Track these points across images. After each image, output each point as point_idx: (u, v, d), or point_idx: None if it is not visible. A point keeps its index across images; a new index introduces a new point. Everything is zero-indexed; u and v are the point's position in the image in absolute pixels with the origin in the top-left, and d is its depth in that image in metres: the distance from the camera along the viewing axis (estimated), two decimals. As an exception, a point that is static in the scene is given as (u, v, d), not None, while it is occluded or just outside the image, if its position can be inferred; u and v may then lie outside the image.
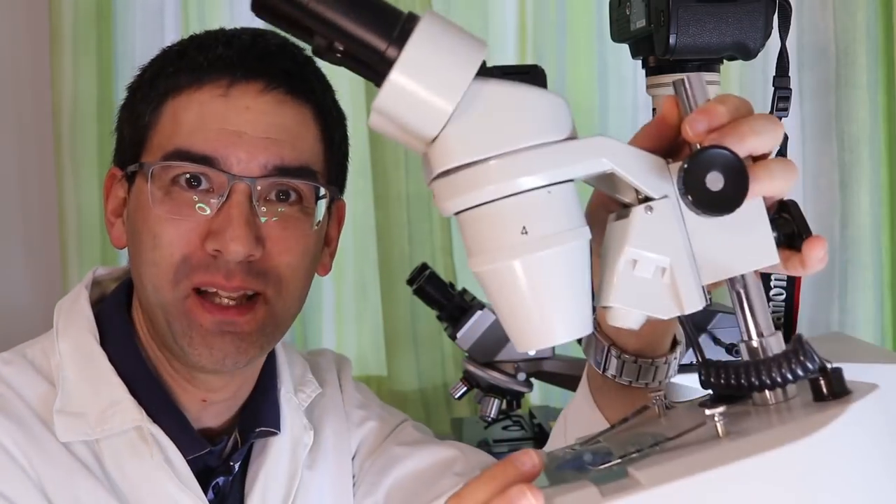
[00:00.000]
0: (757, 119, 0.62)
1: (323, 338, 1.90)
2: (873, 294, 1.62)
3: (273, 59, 0.94)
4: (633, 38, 1.04)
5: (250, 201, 0.89)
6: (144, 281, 0.91)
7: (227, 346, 0.89)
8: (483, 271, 0.62)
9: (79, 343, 0.94)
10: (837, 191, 1.65)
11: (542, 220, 0.59)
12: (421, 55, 0.58)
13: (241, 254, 0.87)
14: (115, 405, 0.91)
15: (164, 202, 0.89)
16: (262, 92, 0.91)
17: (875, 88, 1.62)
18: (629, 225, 0.61)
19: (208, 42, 0.95)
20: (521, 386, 1.32)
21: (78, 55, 1.83)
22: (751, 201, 0.60)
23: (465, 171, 0.60)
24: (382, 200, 1.80)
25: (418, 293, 1.34)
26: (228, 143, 0.89)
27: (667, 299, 0.62)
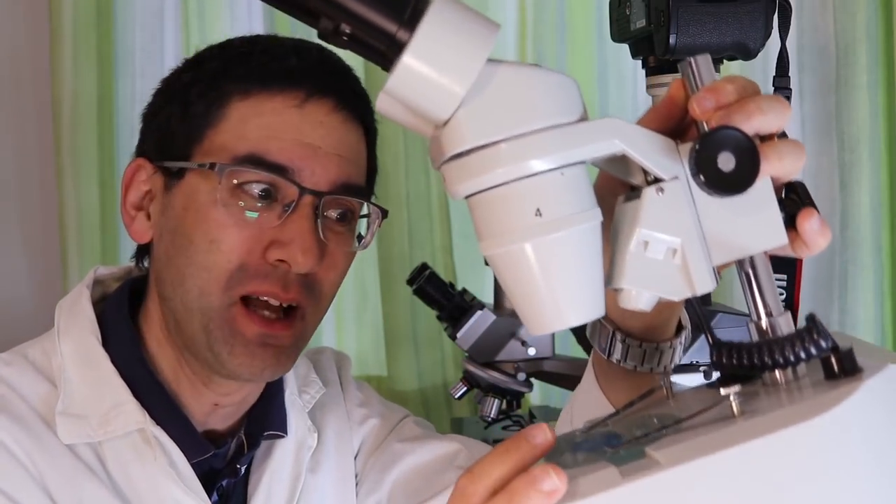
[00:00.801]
0: (764, 98, 0.62)
1: (323, 338, 1.90)
2: (873, 294, 1.62)
3: (343, 78, 0.96)
4: (633, 38, 1.04)
5: (315, 215, 0.89)
6: (188, 284, 0.89)
7: (268, 358, 0.89)
8: (495, 254, 0.61)
9: (81, 344, 0.93)
10: (837, 191, 1.65)
11: (554, 202, 0.59)
12: (434, 38, 0.58)
13: (308, 267, 0.88)
14: (118, 407, 0.90)
15: (228, 205, 0.88)
16: (335, 110, 0.93)
17: (875, 88, 1.61)
18: (640, 206, 0.61)
19: (276, 49, 0.95)
20: (521, 386, 1.32)
21: (78, 55, 1.83)
22: (760, 182, 0.60)
23: (476, 154, 0.59)
24: (382, 200, 1.79)
25: (418, 293, 1.34)
26: (304, 156, 0.89)
27: (678, 280, 0.62)
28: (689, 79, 0.64)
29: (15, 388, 0.91)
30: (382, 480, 1.02)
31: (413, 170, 1.79)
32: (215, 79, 0.93)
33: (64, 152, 1.84)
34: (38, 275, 1.97)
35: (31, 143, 1.97)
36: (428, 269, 1.35)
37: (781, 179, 0.64)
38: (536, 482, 0.55)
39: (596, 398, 0.84)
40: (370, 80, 1.76)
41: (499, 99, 0.59)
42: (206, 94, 0.92)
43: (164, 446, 0.90)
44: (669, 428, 0.60)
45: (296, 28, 1.84)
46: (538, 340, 1.32)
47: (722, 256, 0.62)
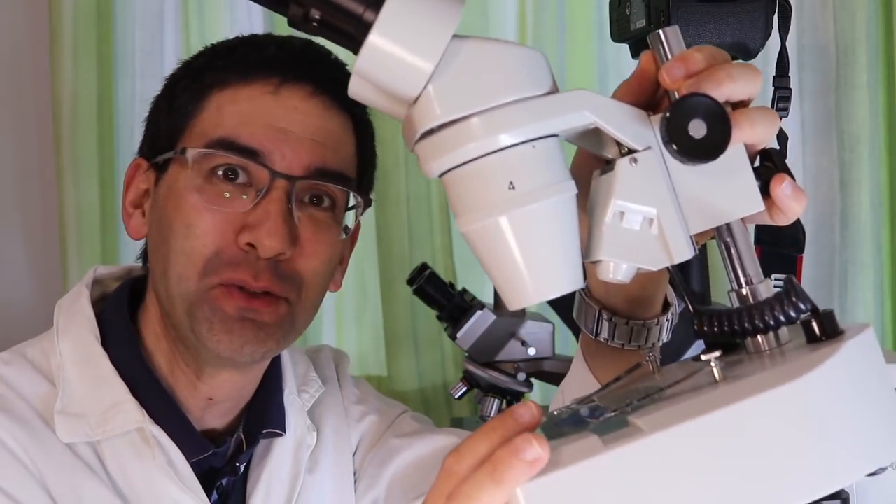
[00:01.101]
0: (734, 65, 0.62)
1: (323, 338, 1.90)
2: (873, 294, 1.62)
3: (323, 66, 0.95)
4: (633, 38, 1.04)
5: (288, 200, 0.89)
6: (169, 271, 0.90)
7: (247, 333, 0.88)
8: (471, 230, 0.61)
9: (79, 343, 0.93)
10: (837, 191, 1.65)
11: (527, 175, 0.59)
12: (399, 15, 0.58)
13: (274, 249, 0.87)
14: (117, 406, 0.90)
15: (202, 191, 0.89)
16: (311, 95, 0.92)
17: (875, 88, 1.62)
18: (614, 178, 0.62)
19: (260, 42, 0.96)
20: (521, 386, 1.32)
21: (78, 55, 1.83)
22: (733, 149, 0.61)
23: (447, 130, 0.59)
24: (382, 200, 1.80)
25: (418, 293, 1.34)
26: (275, 139, 0.89)
27: (656, 250, 0.62)
28: (659, 51, 0.64)
29: (14, 388, 0.91)
30: (380, 476, 1.02)
31: (413, 170, 1.79)
32: (199, 73, 0.95)
33: (64, 152, 1.84)
34: (38, 275, 1.97)
35: (31, 143, 1.96)
36: (428, 269, 1.35)
37: (755, 146, 0.64)
38: (519, 451, 0.55)
39: (585, 378, 0.84)
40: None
41: (467, 73, 0.59)
42: (189, 88, 0.94)
43: (163, 445, 0.90)
44: (653, 396, 0.60)
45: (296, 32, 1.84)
46: (538, 340, 1.32)
47: (699, 225, 0.62)
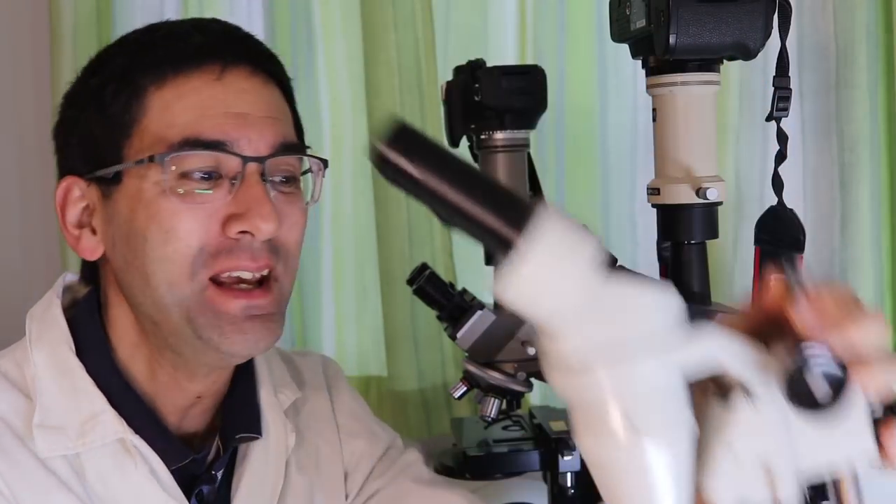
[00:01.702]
0: (864, 316, 0.62)
1: (323, 338, 1.90)
2: (873, 294, 1.62)
3: (251, 43, 0.97)
4: (633, 38, 1.04)
5: (263, 181, 0.89)
6: (154, 281, 0.88)
7: (258, 329, 0.89)
8: (590, 449, 0.63)
9: (54, 354, 0.92)
10: (837, 191, 1.65)
11: (650, 411, 0.61)
12: (541, 252, 0.60)
13: (271, 231, 0.88)
14: (95, 417, 0.89)
15: (176, 193, 0.88)
16: (251, 74, 0.93)
17: (875, 88, 1.61)
18: (732, 417, 0.63)
19: (177, 30, 0.96)
20: (521, 386, 1.32)
21: (78, 55, 1.83)
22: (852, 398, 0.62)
23: (574, 358, 0.62)
24: (382, 201, 1.80)
25: (418, 293, 1.34)
26: (237, 126, 0.90)
27: (764, 490, 0.63)
28: (789, 281, 0.65)
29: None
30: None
31: (413, 170, 1.79)
32: (125, 74, 0.92)
33: (64, 152, 1.84)
34: (37, 275, 1.97)
35: (31, 143, 1.96)
36: (428, 269, 1.35)
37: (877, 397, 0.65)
38: None
39: None
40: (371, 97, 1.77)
41: (602, 316, 0.61)
42: (120, 92, 0.92)
43: (144, 455, 0.89)
44: None
45: (296, 28, 1.84)
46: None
47: (810, 469, 0.64)
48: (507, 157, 1.34)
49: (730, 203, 1.65)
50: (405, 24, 1.76)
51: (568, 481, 1.31)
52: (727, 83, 1.64)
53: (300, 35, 1.84)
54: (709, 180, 0.99)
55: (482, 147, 1.35)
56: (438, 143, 0.66)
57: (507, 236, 0.61)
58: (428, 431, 1.83)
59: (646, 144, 1.73)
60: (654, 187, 1.01)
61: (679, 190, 0.99)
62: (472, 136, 1.36)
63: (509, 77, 1.31)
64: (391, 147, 0.62)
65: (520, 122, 1.33)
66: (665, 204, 1.01)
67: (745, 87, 1.66)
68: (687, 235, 1.00)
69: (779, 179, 1.07)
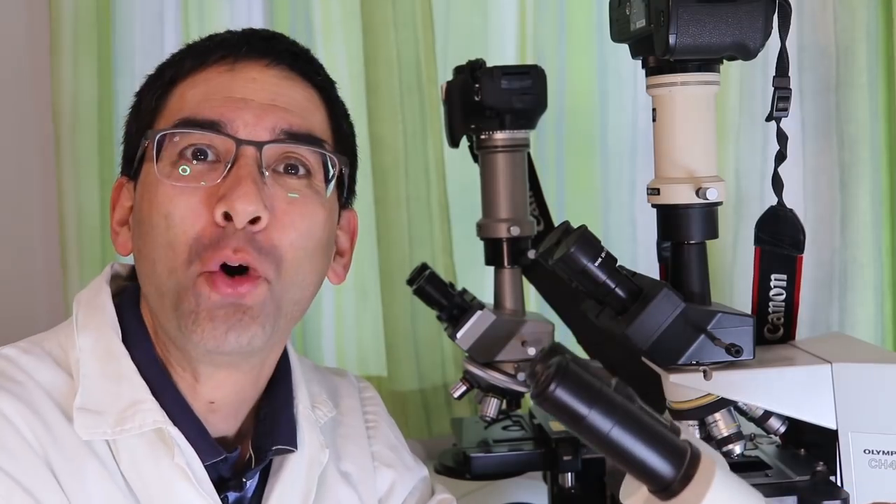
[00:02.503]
0: None
1: (323, 338, 1.90)
2: (873, 294, 1.62)
3: (277, 41, 0.96)
4: (633, 38, 1.04)
5: (259, 167, 0.87)
6: (158, 267, 0.89)
7: (230, 319, 0.87)
8: None
9: (101, 339, 0.92)
10: (837, 191, 1.65)
11: None
12: None
13: (248, 213, 0.85)
14: (136, 405, 0.89)
15: (172, 176, 0.88)
16: (268, 66, 0.92)
17: (875, 88, 1.61)
18: None
19: (215, 35, 0.97)
20: (521, 386, 1.32)
21: (78, 55, 1.83)
22: None
23: None
24: (382, 202, 1.80)
25: (418, 293, 1.34)
26: (235, 108, 0.89)
27: None
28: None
29: (33, 377, 0.89)
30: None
31: (413, 170, 1.79)
32: (161, 72, 0.96)
33: (64, 152, 1.84)
34: (37, 275, 1.97)
35: (31, 143, 1.97)
36: (428, 269, 1.35)
37: None
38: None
39: None
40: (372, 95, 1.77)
41: None
42: (152, 89, 0.95)
43: (181, 447, 0.89)
44: None
45: (296, 28, 1.84)
46: (538, 340, 1.32)
47: None
48: (507, 157, 1.34)
49: (730, 203, 1.66)
50: (405, 23, 1.76)
51: (568, 481, 1.31)
52: (727, 83, 1.64)
53: (300, 35, 1.84)
54: (709, 180, 0.99)
55: (482, 147, 1.35)
56: (600, 383, 0.70)
57: (670, 482, 0.67)
58: (428, 431, 1.83)
59: (646, 144, 1.73)
60: (654, 187, 1.01)
61: (679, 190, 0.99)
62: (472, 136, 1.36)
63: (509, 77, 1.31)
64: (559, 386, 0.68)
65: (520, 122, 1.33)
66: (665, 204, 1.01)
67: (745, 87, 1.66)
68: (687, 235, 1.00)
69: (779, 179, 1.07)
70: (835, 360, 0.99)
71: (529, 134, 1.36)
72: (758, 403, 1.03)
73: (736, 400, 1.01)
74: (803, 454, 1.08)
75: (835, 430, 0.98)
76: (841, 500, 0.96)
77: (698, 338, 0.96)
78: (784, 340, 1.10)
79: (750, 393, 0.99)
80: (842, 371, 0.98)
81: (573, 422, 0.68)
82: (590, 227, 0.97)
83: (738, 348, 0.94)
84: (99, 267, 1.84)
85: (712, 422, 1.02)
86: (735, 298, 1.64)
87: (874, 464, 0.97)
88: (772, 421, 1.07)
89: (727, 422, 1.02)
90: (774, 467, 1.07)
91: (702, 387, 0.97)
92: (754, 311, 1.10)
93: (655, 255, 1.10)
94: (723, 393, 0.99)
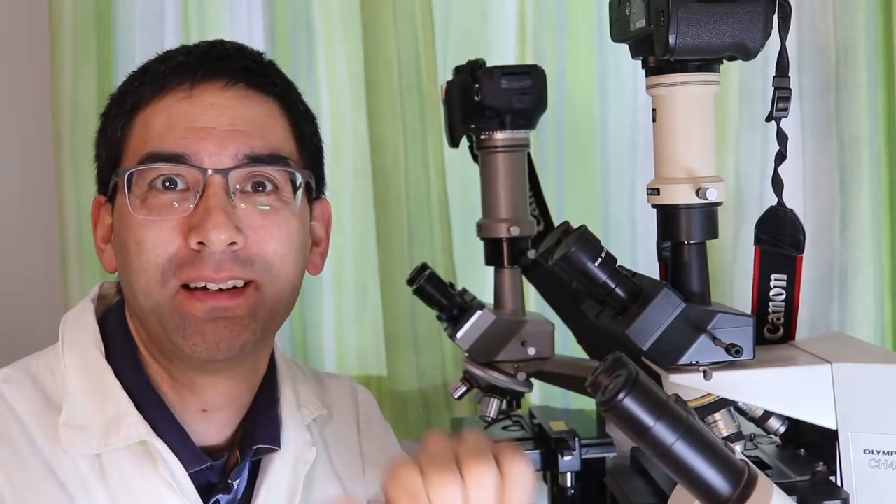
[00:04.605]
0: None
1: (323, 338, 1.90)
2: (873, 294, 1.62)
3: (231, 59, 0.97)
4: (633, 38, 1.04)
5: (227, 193, 0.90)
6: (135, 290, 0.92)
7: (221, 330, 0.90)
8: None
9: (84, 356, 0.95)
10: (837, 191, 1.65)
11: None
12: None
13: (223, 241, 0.89)
14: (121, 419, 0.91)
15: (143, 207, 0.91)
16: (224, 88, 0.94)
17: (875, 88, 1.61)
18: None
19: (170, 55, 0.98)
20: (521, 386, 1.32)
21: (78, 55, 1.83)
22: None
23: None
24: (382, 201, 1.80)
25: (418, 293, 1.34)
26: (196, 139, 0.91)
27: None
28: None
29: (11, 406, 0.92)
30: None
31: (413, 170, 1.79)
32: (122, 98, 0.98)
33: (64, 152, 1.84)
34: (38, 275, 1.97)
35: (31, 143, 1.97)
36: (428, 269, 1.35)
37: None
38: None
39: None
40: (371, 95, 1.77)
41: None
42: (116, 116, 0.97)
43: (165, 458, 0.91)
44: None
45: (296, 28, 1.84)
46: (538, 340, 1.32)
47: None
48: (507, 157, 1.34)
49: (730, 203, 1.65)
50: (405, 24, 1.76)
51: (568, 481, 1.31)
52: (727, 83, 1.64)
53: (300, 35, 1.84)
54: (709, 180, 0.99)
55: (482, 147, 1.35)
56: (667, 396, 0.71)
57: (725, 500, 0.68)
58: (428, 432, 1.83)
59: (646, 144, 1.73)
60: (654, 187, 1.01)
61: (679, 190, 0.99)
62: (472, 136, 1.36)
63: (509, 77, 1.31)
64: (628, 396, 0.68)
65: (520, 122, 1.33)
66: (665, 204, 1.00)
67: (745, 87, 1.66)
68: (687, 235, 1.00)
69: (779, 179, 1.07)
70: (835, 360, 0.99)
71: (529, 134, 1.36)
72: (758, 403, 1.03)
73: (736, 400, 1.01)
74: (803, 454, 1.08)
75: (835, 430, 0.98)
76: (841, 500, 0.96)
77: (698, 338, 0.95)
78: (784, 340, 1.10)
79: (750, 393, 0.99)
80: (842, 371, 0.98)
81: (638, 432, 0.69)
82: (590, 227, 0.97)
83: (738, 348, 0.94)
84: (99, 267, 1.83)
85: (712, 422, 1.02)
86: (735, 298, 1.64)
87: (874, 464, 0.97)
88: (772, 421, 1.07)
89: (727, 422, 1.02)
90: (774, 467, 1.06)
91: (702, 387, 0.97)
92: (754, 311, 1.10)
93: (655, 255, 1.10)
94: (723, 393, 0.99)
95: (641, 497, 1.09)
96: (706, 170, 1.00)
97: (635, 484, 1.14)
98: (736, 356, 0.94)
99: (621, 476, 1.19)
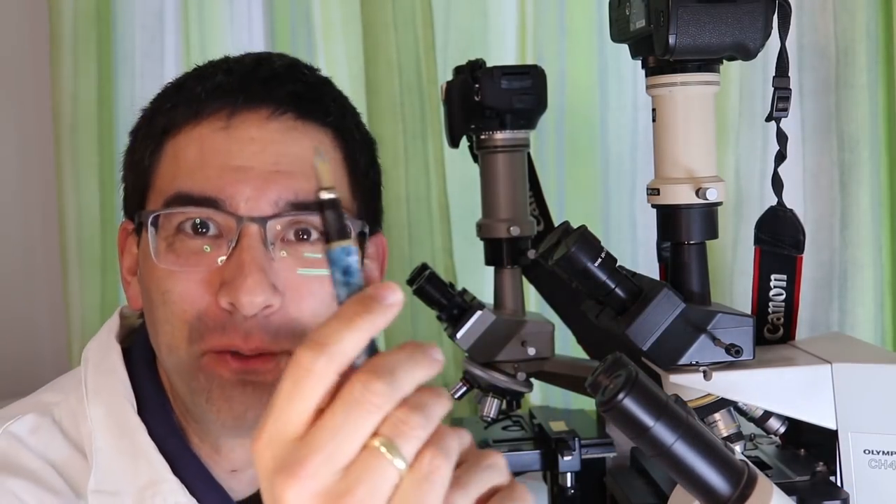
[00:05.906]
0: None
1: (323, 338, 1.90)
2: (873, 294, 1.62)
3: (279, 82, 0.85)
4: (633, 38, 1.04)
5: (264, 244, 0.79)
6: (159, 341, 0.83)
7: (249, 397, 0.80)
8: None
9: (113, 410, 0.86)
10: (837, 191, 1.65)
11: None
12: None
13: (256, 305, 0.78)
14: (156, 485, 0.83)
15: (170, 253, 0.81)
16: (268, 119, 0.83)
17: (875, 88, 1.61)
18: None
19: (208, 71, 0.87)
20: (521, 386, 1.32)
21: (78, 55, 1.83)
22: None
23: None
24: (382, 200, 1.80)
25: (418, 293, 1.34)
26: (233, 181, 0.80)
27: None
28: None
29: (49, 460, 0.83)
30: None
31: (413, 170, 1.79)
32: (152, 118, 0.87)
33: (64, 153, 1.84)
34: (37, 275, 1.97)
35: (31, 143, 1.97)
36: (428, 269, 1.35)
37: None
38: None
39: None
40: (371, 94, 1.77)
41: None
42: (146, 138, 0.86)
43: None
44: None
45: (296, 28, 1.84)
46: (538, 340, 1.32)
47: None
48: (507, 157, 1.33)
49: (730, 203, 1.65)
50: (405, 24, 1.76)
51: (568, 481, 1.30)
52: (727, 83, 1.64)
53: (300, 35, 1.84)
54: (709, 180, 0.99)
55: (482, 147, 1.35)
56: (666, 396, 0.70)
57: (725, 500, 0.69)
58: (428, 432, 1.83)
59: (646, 144, 1.73)
60: (654, 187, 1.01)
61: (679, 190, 0.99)
62: (472, 136, 1.36)
63: (509, 77, 1.31)
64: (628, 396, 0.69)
65: (520, 122, 1.33)
66: (665, 204, 1.01)
67: (745, 87, 1.66)
68: (687, 235, 1.00)
69: (779, 179, 1.07)
70: (835, 360, 0.99)
71: (529, 134, 1.36)
72: (758, 403, 1.03)
73: (736, 400, 1.01)
74: (803, 454, 1.08)
75: (835, 430, 0.98)
76: (841, 501, 0.96)
77: (698, 338, 0.96)
78: (784, 340, 1.10)
79: (750, 393, 0.99)
80: (842, 371, 0.98)
81: (638, 432, 0.69)
82: (590, 227, 0.97)
83: (738, 348, 0.94)
84: (99, 267, 1.84)
85: (712, 422, 1.02)
86: (735, 298, 1.64)
87: (874, 464, 0.97)
88: (771, 421, 1.07)
89: (727, 422, 1.02)
90: (774, 467, 1.06)
91: (702, 387, 0.97)
92: (754, 312, 1.10)
93: (655, 255, 1.10)
94: (723, 393, 0.99)
95: (641, 497, 1.09)
96: (706, 170, 1.00)
97: (635, 484, 1.14)
98: (736, 356, 0.94)
99: (621, 476, 1.19)
